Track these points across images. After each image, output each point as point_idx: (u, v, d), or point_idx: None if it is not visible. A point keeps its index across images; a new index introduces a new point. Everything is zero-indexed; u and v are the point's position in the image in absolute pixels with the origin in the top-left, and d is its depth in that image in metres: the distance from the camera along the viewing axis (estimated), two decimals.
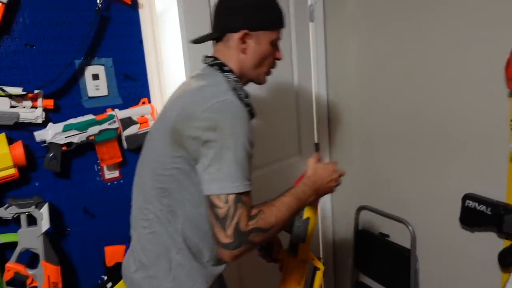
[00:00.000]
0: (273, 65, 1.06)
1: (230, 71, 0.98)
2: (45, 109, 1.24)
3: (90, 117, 1.29)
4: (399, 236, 1.64)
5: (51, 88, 1.26)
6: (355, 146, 1.83)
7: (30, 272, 1.20)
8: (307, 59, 1.86)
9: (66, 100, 1.30)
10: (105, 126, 1.31)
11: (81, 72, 1.32)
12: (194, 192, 0.91)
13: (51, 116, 1.27)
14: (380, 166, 1.73)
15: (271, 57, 1.03)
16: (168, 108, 0.99)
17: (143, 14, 1.39)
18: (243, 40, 0.98)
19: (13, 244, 1.21)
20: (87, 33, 1.28)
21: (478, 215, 1.27)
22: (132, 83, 1.41)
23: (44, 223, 1.20)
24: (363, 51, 1.70)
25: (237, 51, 1.00)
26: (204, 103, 0.86)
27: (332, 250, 2.09)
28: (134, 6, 1.36)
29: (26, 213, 1.19)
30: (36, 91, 1.21)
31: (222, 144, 0.83)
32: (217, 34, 1.02)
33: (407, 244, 1.58)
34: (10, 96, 1.16)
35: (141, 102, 1.41)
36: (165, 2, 1.43)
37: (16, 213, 1.18)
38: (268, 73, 1.07)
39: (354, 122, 1.82)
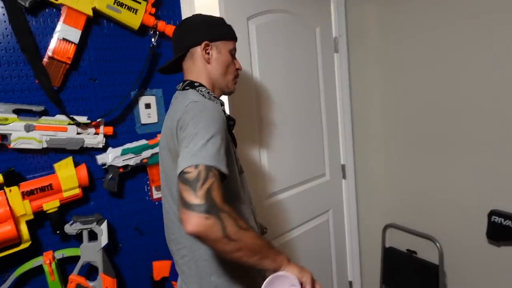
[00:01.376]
0: (236, 75, 1.16)
1: (201, 85, 1.08)
2: (105, 135, 1.38)
3: (143, 142, 1.43)
4: (426, 252, 1.71)
5: (110, 117, 1.41)
6: (380, 166, 1.93)
7: (90, 283, 1.31)
8: (332, 85, 2.00)
9: (122, 127, 1.45)
10: (156, 150, 1.44)
11: (135, 102, 1.47)
12: None
13: (109, 141, 1.41)
14: (405, 184, 1.82)
15: (232, 65, 1.13)
16: (161, 137, 1.12)
17: None
18: (205, 50, 1.09)
19: (73, 258, 1.33)
20: (142, 68, 1.44)
21: (504, 230, 1.35)
22: None
23: (104, 239, 1.33)
24: (384, 79, 1.84)
25: (202, 62, 1.10)
26: (178, 115, 0.95)
27: (360, 268, 2.15)
28: None
29: (88, 229, 1.32)
30: (98, 120, 1.36)
31: (189, 133, 0.86)
32: (182, 52, 1.11)
33: (435, 260, 1.65)
34: (78, 124, 1.32)
35: None
36: None
37: (80, 229, 1.31)
38: (234, 82, 1.15)
39: (378, 143, 1.93)
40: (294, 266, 0.94)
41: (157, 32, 1.44)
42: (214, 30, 1.11)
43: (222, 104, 1.08)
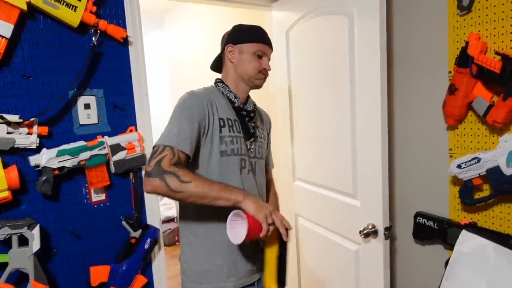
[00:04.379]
0: (260, 72, 1.30)
1: (221, 81, 1.33)
2: (39, 136, 1.32)
3: (82, 143, 1.39)
4: None
5: (45, 116, 1.35)
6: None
7: None
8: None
9: (58, 127, 1.39)
10: (95, 151, 1.40)
11: (74, 101, 1.42)
12: None
13: (44, 142, 1.35)
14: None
15: (254, 64, 1.29)
16: None
17: (133, 51, 1.53)
18: (229, 51, 1.31)
19: (1, 265, 1.25)
20: (81, 67, 1.40)
21: (427, 229, 1.47)
22: (120, 112, 1.52)
23: (35, 244, 1.27)
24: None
25: (228, 62, 1.33)
26: None
27: None
28: (125, 43, 1.50)
29: (18, 234, 1.25)
30: (31, 119, 1.30)
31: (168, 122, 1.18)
32: (219, 55, 1.37)
33: None
34: (8, 123, 1.25)
35: (128, 130, 1.52)
36: (153, 39, 1.57)
37: (8, 234, 1.24)
38: (260, 76, 1.31)
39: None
40: (251, 203, 1.10)
41: (98, 31, 1.40)
42: (238, 35, 1.31)
43: (235, 96, 1.29)
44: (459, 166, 1.27)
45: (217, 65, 1.40)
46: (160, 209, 4.12)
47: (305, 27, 1.80)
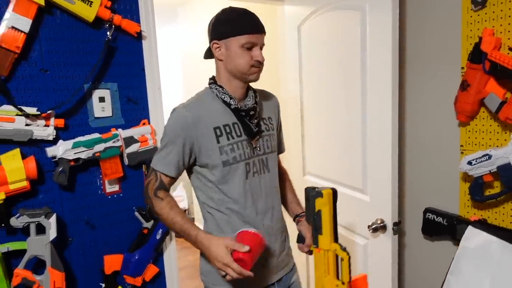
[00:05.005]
0: (255, 64, 1.19)
1: (214, 82, 1.26)
2: (56, 128, 1.37)
3: (96, 135, 1.43)
4: None
5: (61, 109, 1.39)
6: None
7: (37, 278, 1.30)
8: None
9: (74, 120, 1.43)
10: (109, 144, 1.44)
11: (89, 95, 1.46)
12: None
13: (60, 134, 1.40)
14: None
15: (246, 58, 1.17)
16: None
17: (146, 45, 1.56)
18: (215, 48, 1.21)
19: (20, 252, 1.31)
20: (96, 61, 1.43)
21: (436, 225, 1.47)
22: (134, 105, 1.55)
23: (52, 232, 1.31)
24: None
25: (217, 60, 1.24)
26: None
27: None
28: (139, 38, 1.53)
29: (36, 223, 1.30)
30: (48, 111, 1.34)
31: None
32: (207, 54, 1.29)
33: None
34: (27, 115, 1.29)
35: (141, 123, 1.55)
36: (167, 32, 1.59)
37: (27, 222, 1.29)
38: (253, 70, 1.20)
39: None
40: (204, 250, 1.14)
41: (113, 26, 1.43)
42: (222, 28, 1.19)
43: (230, 97, 1.22)
44: (469, 163, 1.27)
45: (210, 54, 1.29)
46: None
47: (317, 22, 1.79)
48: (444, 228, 1.45)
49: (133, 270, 1.50)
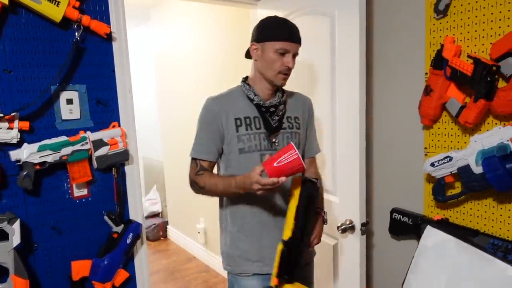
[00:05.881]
0: (283, 70, 1.30)
1: (244, 81, 1.40)
2: (20, 130, 1.32)
3: (63, 138, 1.39)
4: None
5: (26, 111, 1.35)
6: None
7: (0, 286, 1.25)
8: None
9: (40, 122, 1.39)
10: (77, 147, 1.41)
11: (56, 96, 1.42)
12: None
13: (26, 137, 1.35)
14: None
15: (277, 63, 1.29)
16: None
17: (116, 46, 1.53)
18: (253, 49, 1.33)
19: None
20: (64, 62, 1.39)
21: (402, 225, 1.53)
22: (103, 108, 1.52)
23: (16, 238, 1.26)
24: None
25: (253, 61, 1.36)
26: None
27: None
28: (109, 39, 1.50)
29: None
30: (12, 114, 1.29)
31: None
32: (247, 54, 1.40)
33: None
34: None
35: (111, 126, 1.52)
36: (139, 34, 1.57)
37: None
38: (280, 76, 1.32)
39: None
40: (241, 185, 1.22)
41: (81, 27, 1.40)
42: (261, 32, 1.32)
43: (255, 94, 1.34)
44: (432, 164, 1.33)
45: (249, 54, 1.40)
46: (145, 204, 4.14)
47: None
48: (409, 227, 1.50)
49: (102, 275, 1.46)
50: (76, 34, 1.40)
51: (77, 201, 1.49)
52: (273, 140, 1.36)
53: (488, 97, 1.17)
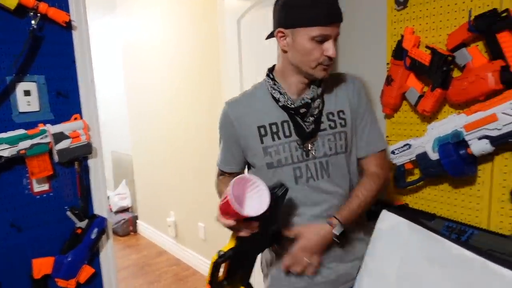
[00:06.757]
0: (324, 61, 1.04)
1: (268, 75, 1.16)
2: None
3: (21, 131, 1.33)
4: None
5: None
6: None
7: None
8: None
9: None
10: (37, 140, 1.35)
11: (12, 88, 1.36)
12: None
13: None
14: None
15: (314, 53, 1.01)
16: None
17: (77, 35, 1.48)
18: (280, 38, 1.05)
19: None
20: (19, 52, 1.33)
21: (367, 212, 1.58)
22: (64, 99, 1.47)
23: None
24: None
25: (281, 50, 1.09)
26: None
27: None
28: (68, 27, 1.44)
29: None
30: None
31: None
32: (270, 36, 1.14)
33: None
34: None
35: (73, 118, 1.47)
36: (106, 24, 1.53)
37: None
38: (320, 68, 1.05)
39: None
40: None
41: (38, 15, 1.34)
42: (291, 15, 1.00)
43: (280, 93, 1.10)
44: (393, 152, 1.37)
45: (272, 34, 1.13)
46: (115, 199, 4.05)
47: (255, 17, 1.83)
48: (373, 214, 1.55)
49: (66, 272, 1.43)
50: (33, 22, 1.34)
51: (38, 196, 1.44)
52: (309, 148, 1.09)
53: (444, 86, 1.22)
